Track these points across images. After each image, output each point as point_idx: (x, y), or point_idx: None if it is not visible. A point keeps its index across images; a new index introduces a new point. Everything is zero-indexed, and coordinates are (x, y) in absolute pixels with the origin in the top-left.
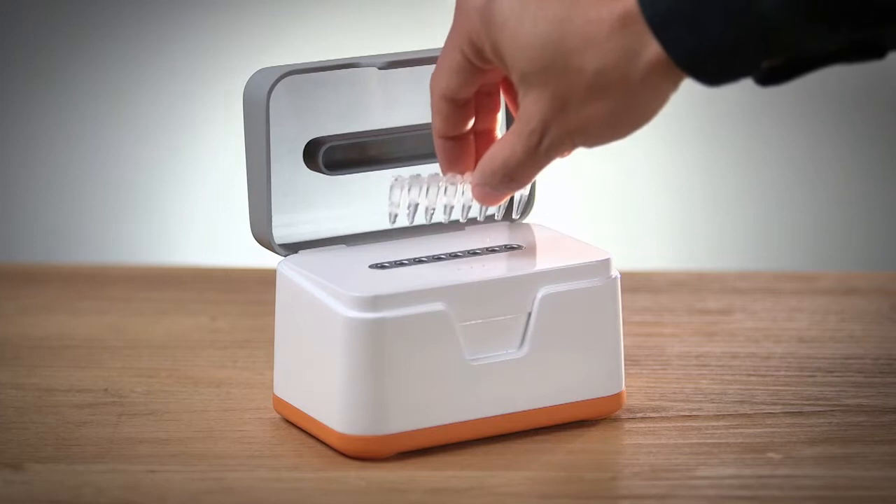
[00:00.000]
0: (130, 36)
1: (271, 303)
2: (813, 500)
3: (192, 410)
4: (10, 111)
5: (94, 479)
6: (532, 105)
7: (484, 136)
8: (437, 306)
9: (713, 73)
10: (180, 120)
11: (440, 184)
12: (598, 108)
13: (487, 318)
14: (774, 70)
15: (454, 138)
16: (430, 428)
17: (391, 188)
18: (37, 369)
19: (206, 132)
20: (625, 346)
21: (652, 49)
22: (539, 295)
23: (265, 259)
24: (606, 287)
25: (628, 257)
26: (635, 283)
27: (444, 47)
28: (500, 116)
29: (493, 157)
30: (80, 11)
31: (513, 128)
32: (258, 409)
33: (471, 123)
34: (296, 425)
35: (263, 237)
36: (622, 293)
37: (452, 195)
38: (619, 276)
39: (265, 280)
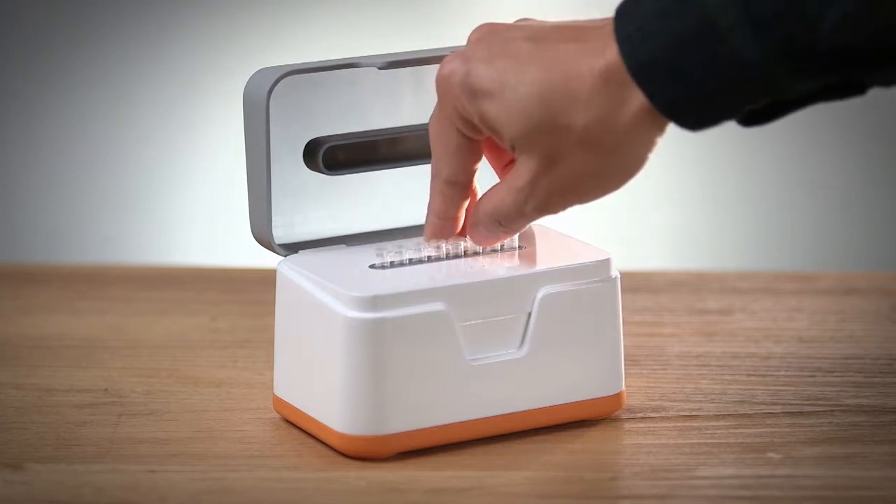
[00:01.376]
0: (130, 36)
1: (271, 303)
2: (813, 500)
3: (192, 410)
4: (10, 111)
5: (94, 479)
6: (522, 165)
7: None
8: (437, 306)
9: (696, 120)
10: (180, 120)
11: (423, 253)
12: (588, 163)
13: (487, 318)
14: (757, 112)
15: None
16: (430, 428)
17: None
18: (37, 369)
19: (206, 132)
20: (625, 346)
21: (637, 99)
22: (539, 295)
23: (265, 259)
24: (606, 287)
25: (628, 257)
26: (635, 283)
27: (434, 131)
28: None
29: (486, 202)
30: (80, 11)
31: (507, 178)
32: (258, 409)
33: (467, 202)
34: (296, 425)
35: (263, 237)
36: (622, 293)
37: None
38: (619, 276)
39: (265, 280)
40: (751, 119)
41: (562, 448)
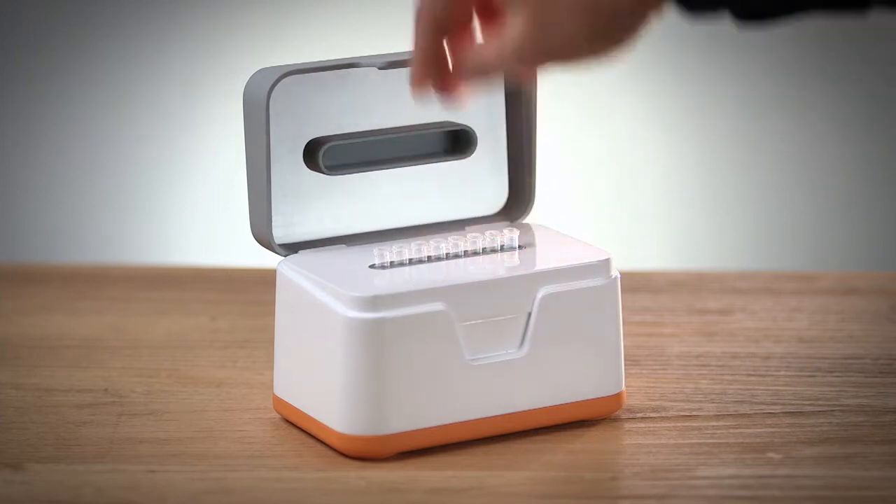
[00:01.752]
0: (130, 36)
1: (271, 303)
2: (813, 500)
3: (192, 410)
4: (10, 111)
5: (94, 479)
6: (513, 25)
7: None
8: (437, 306)
9: (694, 0)
10: (180, 120)
11: (423, 253)
12: (576, 25)
13: (487, 318)
14: (753, 11)
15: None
16: (430, 428)
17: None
18: (37, 369)
19: (206, 132)
20: (625, 346)
21: None
22: (539, 295)
23: (265, 259)
24: (606, 287)
25: (628, 257)
26: (635, 283)
27: None
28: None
29: (479, 52)
30: (80, 11)
31: (497, 35)
32: (258, 409)
33: (444, 46)
34: (296, 425)
35: (263, 237)
36: (622, 293)
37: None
38: (619, 276)
39: (265, 280)
40: (746, 16)
41: (562, 448)
